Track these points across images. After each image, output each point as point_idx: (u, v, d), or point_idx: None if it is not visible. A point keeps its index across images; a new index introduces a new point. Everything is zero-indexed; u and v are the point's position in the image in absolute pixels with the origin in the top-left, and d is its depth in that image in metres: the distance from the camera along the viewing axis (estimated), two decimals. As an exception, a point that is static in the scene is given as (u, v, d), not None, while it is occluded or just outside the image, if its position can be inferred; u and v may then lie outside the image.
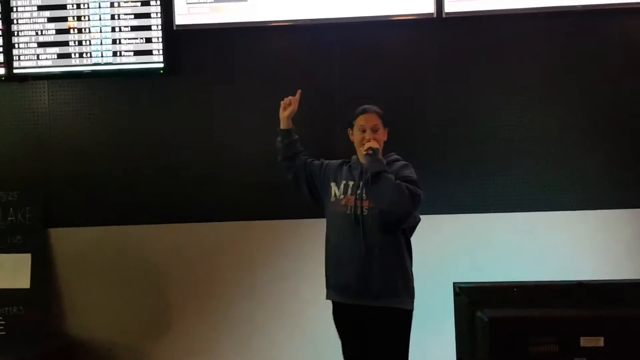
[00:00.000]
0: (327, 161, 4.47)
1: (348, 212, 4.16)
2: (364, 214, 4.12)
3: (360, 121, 4.29)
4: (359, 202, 4.14)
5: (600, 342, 2.65)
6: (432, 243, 5.45)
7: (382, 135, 4.30)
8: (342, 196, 4.22)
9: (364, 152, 4.12)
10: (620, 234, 5.46)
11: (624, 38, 5.49)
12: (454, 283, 2.92)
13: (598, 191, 5.47)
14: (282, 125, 4.55)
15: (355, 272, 4.08)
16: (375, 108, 4.33)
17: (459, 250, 5.45)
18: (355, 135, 4.32)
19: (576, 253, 5.41)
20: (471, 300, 2.84)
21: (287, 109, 4.50)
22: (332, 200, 4.28)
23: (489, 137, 5.51)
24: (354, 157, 4.38)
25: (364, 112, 4.31)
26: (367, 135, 4.22)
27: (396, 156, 4.34)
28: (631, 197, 5.46)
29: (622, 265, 5.36)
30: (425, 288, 5.18)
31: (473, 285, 2.95)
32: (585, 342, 2.66)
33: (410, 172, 4.19)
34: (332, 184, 4.32)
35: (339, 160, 4.45)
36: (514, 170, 5.50)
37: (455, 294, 2.89)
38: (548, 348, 2.67)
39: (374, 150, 4.09)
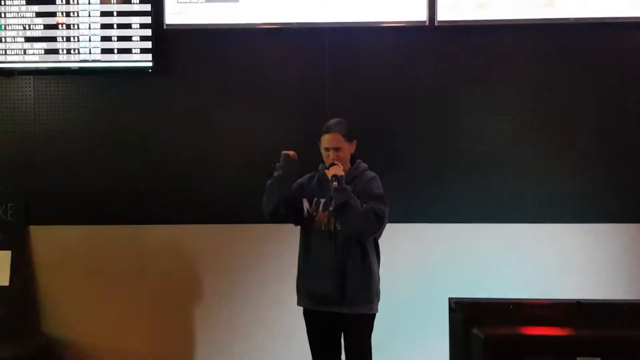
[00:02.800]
0: (299, 181, 4.60)
1: (323, 228, 4.37)
2: (338, 229, 4.33)
3: (324, 141, 4.42)
4: (332, 219, 4.34)
5: (597, 362, 2.63)
6: (417, 251, 5.46)
7: (347, 151, 4.44)
8: (314, 213, 4.42)
9: (329, 178, 4.25)
10: (605, 248, 5.46)
11: (615, 52, 5.49)
12: (449, 298, 2.89)
13: (585, 204, 5.46)
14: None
15: (330, 282, 4.30)
16: (339, 127, 4.42)
17: (443, 259, 5.44)
18: (322, 152, 4.46)
19: (561, 265, 5.42)
20: (467, 316, 2.81)
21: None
22: (305, 215, 4.47)
23: (478, 147, 5.49)
24: (321, 166, 4.53)
25: (328, 131, 4.42)
26: (330, 155, 4.37)
27: (364, 165, 4.53)
28: (617, 211, 5.46)
29: (607, 279, 5.38)
30: (405, 296, 5.24)
31: (469, 301, 2.92)
32: (582, 362, 2.64)
33: (377, 187, 4.38)
34: (304, 201, 4.48)
35: (307, 175, 4.61)
36: (501, 181, 5.48)
37: (451, 310, 2.85)
38: (545, 367, 2.65)
39: (338, 180, 4.21)
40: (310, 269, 4.41)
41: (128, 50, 5.52)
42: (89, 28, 5.52)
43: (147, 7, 5.50)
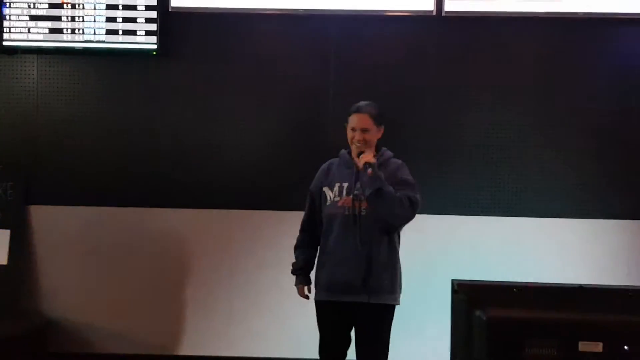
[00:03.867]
0: (313, 182, 4.43)
1: (346, 212, 4.18)
2: (362, 214, 4.15)
3: (352, 120, 4.24)
4: (357, 203, 4.16)
5: (599, 347, 2.62)
6: (418, 243, 5.41)
7: (374, 134, 4.25)
8: (337, 198, 4.22)
9: (360, 167, 4.09)
10: (605, 244, 5.46)
11: (622, 47, 5.48)
12: (452, 280, 2.87)
13: (586, 200, 5.46)
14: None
15: (353, 269, 4.13)
16: (368, 108, 4.26)
17: (444, 252, 5.43)
18: (348, 132, 4.27)
19: (561, 260, 5.40)
20: (469, 298, 2.80)
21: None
22: (327, 204, 4.27)
23: (481, 139, 5.50)
24: (343, 152, 4.38)
25: (357, 111, 4.25)
26: (356, 135, 4.19)
27: (389, 152, 4.36)
28: (619, 207, 5.46)
29: (606, 275, 5.35)
30: (405, 286, 5.22)
31: (472, 283, 2.91)
32: (584, 346, 2.62)
33: (407, 174, 4.26)
34: (325, 189, 4.30)
35: (326, 163, 4.43)
36: (503, 175, 5.49)
37: (454, 291, 2.84)
38: (546, 351, 2.64)
39: (372, 166, 4.04)
40: (332, 256, 4.23)
41: (133, 32, 5.50)
42: (94, 8, 5.50)
43: (153, -11, 5.48)
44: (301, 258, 4.42)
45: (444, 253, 5.40)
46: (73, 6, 5.51)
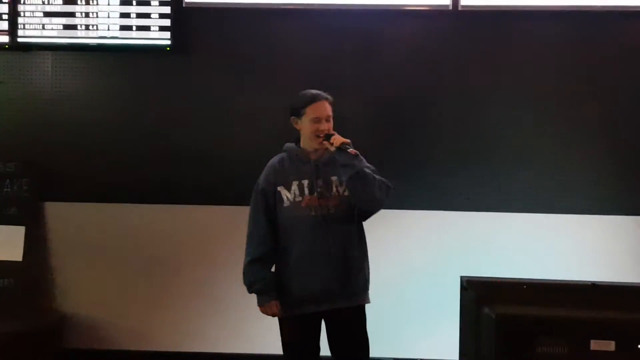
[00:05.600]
0: (262, 179, 4.02)
1: (313, 213, 3.83)
2: (331, 212, 3.84)
3: (312, 110, 3.87)
4: (324, 202, 3.84)
5: (611, 346, 2.57)
6: (433, 239, 5.41)
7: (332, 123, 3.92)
8: (299, 198, 3.87)
9: (338, 147, 3.73)
10: (623, 241, 5.40)
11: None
12: (461, 277, 2.82)
13: (605, 197, 5.41)
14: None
15: (329, 276, 3.82)
16: (325, 95, 3.94)
17: (458, 247, 5.38)
18: (305, 125, 3.91)
19: (579, 257, 5.35)
20: (478, 295, 2.75)
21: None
22: (285, 205, 3.89)
23: (498, 135, 5.45)
24: (290, 145, 4.04)
25: (316, 99, 3.90)
26: (322, 126, 3.84)
27: None
28: (636, 204, 5.40)
29: (624, 272, 5.26)
30: (425, 281, 5.18)
31: (481, 279, 2.86)
32: (595, 345, 2.57)
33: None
34: (280, 189, 3.92)
35: (274, 160, 4.05)
36: (521, 171, 5.44)
37: (463, 288, 2.79)
38: (556, 349, 2.58)
39: (351, 145, 3.74)
40: (301, 265, 3.84)
41: (146, 28, 5.50)
42: (108, 4, 5.49)
43: (167, -15, 5.47)
44: (266, 270, 4.00)
45: (458, 250, 5.35)
46: (87, 2, 5.51)
